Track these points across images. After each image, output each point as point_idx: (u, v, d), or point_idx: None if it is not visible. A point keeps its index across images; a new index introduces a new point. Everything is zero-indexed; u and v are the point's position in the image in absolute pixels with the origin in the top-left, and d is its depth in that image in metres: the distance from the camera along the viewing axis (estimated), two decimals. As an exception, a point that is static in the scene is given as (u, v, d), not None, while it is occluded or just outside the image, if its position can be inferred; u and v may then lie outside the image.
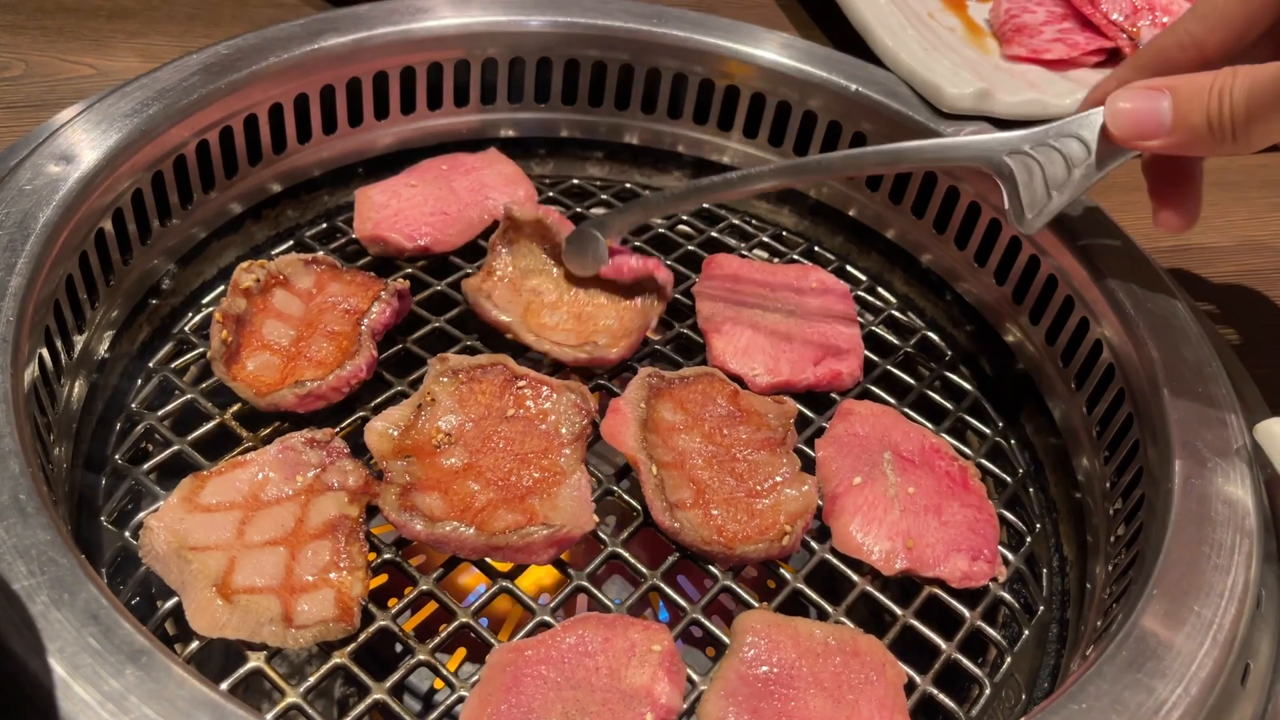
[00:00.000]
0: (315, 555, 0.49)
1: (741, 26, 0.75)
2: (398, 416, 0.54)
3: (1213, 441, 0.52)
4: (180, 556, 0.47)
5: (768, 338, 0.63)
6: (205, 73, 0.63)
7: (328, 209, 0.72)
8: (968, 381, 0.68)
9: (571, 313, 0.64)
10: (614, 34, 0.73)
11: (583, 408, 0.56)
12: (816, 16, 1.02)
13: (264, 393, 0.55)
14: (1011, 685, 0.54)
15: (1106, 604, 0.53)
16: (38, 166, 0.55)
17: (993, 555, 0.55)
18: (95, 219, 0.56)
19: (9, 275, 0.49)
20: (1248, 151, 0.47)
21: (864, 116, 0.72)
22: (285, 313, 0.60)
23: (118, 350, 0.60)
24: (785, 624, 0.49)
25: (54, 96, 0.78)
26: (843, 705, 0.47)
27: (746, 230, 0.76)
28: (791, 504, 0.54)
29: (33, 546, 0.39)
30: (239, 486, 0.51)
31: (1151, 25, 0.91)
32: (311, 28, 0.68)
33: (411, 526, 0.49)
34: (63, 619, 0.37)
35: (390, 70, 0.71)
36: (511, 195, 0.71)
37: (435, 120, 0.75)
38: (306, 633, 0.46)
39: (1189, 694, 0.42)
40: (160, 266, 0.63)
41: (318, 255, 0.63)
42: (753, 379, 0.61)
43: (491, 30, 0.72)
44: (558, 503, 0.52)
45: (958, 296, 0.72)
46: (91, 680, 0.36)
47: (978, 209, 0.69)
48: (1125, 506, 0.56)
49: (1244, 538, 0.48)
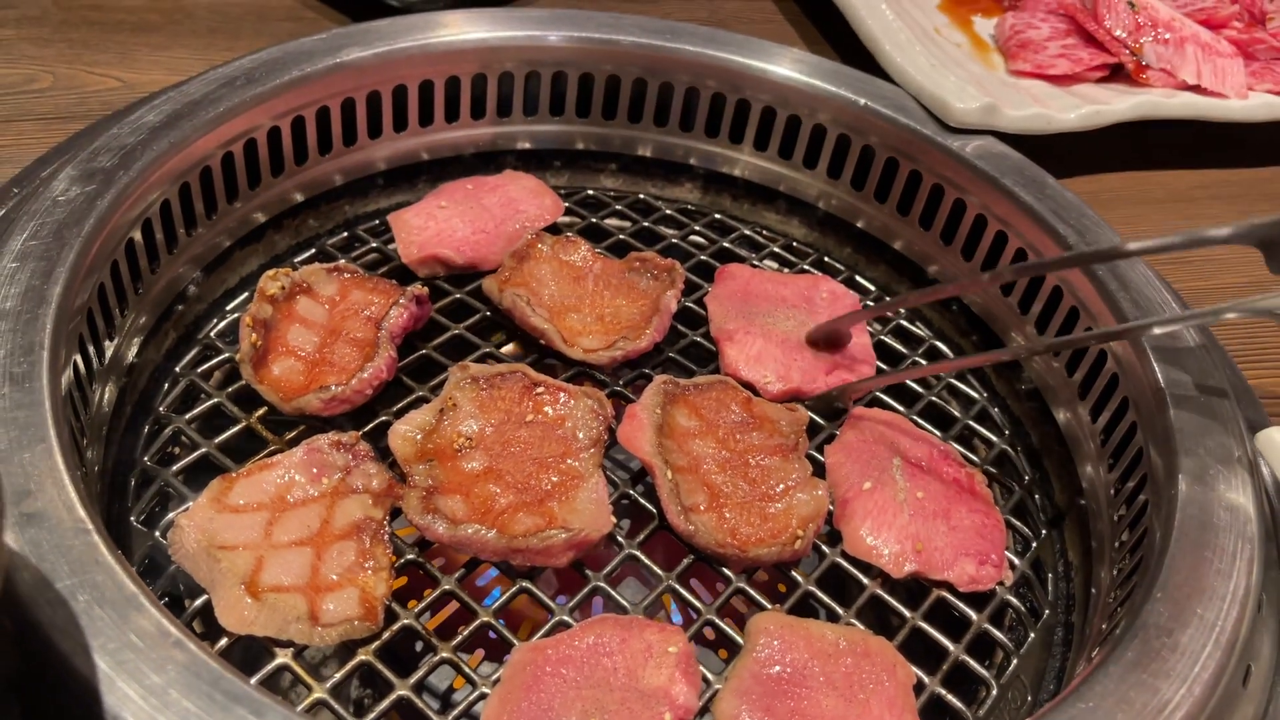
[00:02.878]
0: (341, 556, 0.51)
1: (752, 42, 0.76)
2: (420, 420, 0.56)
3: (1215, 449, 0.53)
4: (210, 555, 0.49)
5: (779, 346, 0.65)
6: (230, 85, 0.65)
7: (348, 218, 0.74)
8: (974, 390, 0.69)
9: (594, 314, 0.66)
10: (628, 49, 0.75)
11: (600, 413, 0.57)
12: (825, 32, 1.04)
13: (289, 397, 0.57)
14: (1018, 687, 0.55)
15: (1111, 608, 0.54)
16: (71, 178, 0.56)
17: (1000, 560, 0.56)
18: (126, 229, 0.58)
19: (47, 284, 0.50)
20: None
21: (873, 130, 0.74)
22: (309, 319, 0.62)
23: (145, 356, 0.61)
24: (798, 625, 0.51)
25: (83, 108, 0.80)
26: (854, 704, 0.48)
27: (757, 241, 0.78)
28: (803, 508, 0.55)
29: (74, 547, 0.41)
30: (266, 488, 0.52)
31: (1154, 42, 0.92)
32: (332, 42, 0.70)
33: (434, 529, 0.51)
34: (105, 616, 0.39)
35: (409, 83, 0.72)
36: (540, 205, 0.73)
37: (452, 132, 0.76)
38: (332, 631, 0.48)
39: (1192, 694, 0.43)
40: (186, 274, 0.65)
41: (340, 263, 0.65)
42: (764, 386, 0.63)
43: (508, 45, 0.74)
44: (576, 506, 0.54)
45: (964, 307, 0.73)
46: (134, 675, 0.37)
47: (984, 221, 0.70)
48: (1129, 513, 0.57)
49: (1245, 543, 0.49)
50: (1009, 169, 0.70)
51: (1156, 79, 0.92)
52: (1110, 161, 0.93)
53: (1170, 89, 0.92)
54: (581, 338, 0.64)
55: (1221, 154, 0.96)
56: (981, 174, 0.70)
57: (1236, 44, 0.95)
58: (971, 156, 0.71)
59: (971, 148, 0.71)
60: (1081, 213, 0.67)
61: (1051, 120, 0.83)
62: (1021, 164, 0.70)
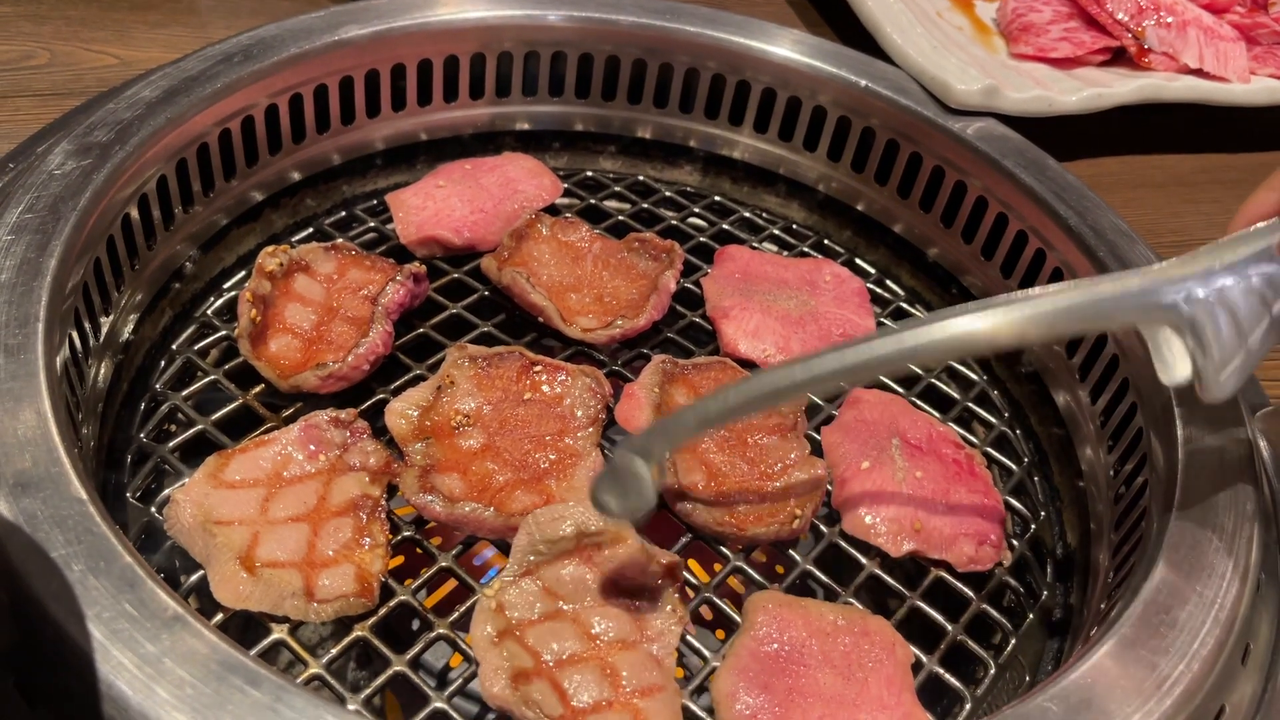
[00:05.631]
0: (337, 532, 0.50)
1: (753, 23, 0.76)
2: (417, 398, 0.56)
3: (1215, 430, 0.53)
4: (205, 529, 0.49)
5: (779, 320, 0.64)
6: (228, 63, 0.64)
7: (346, 198, 0.74)
8: (974, 372, 0.69)
9: (593, 294, 0.66)
10: (628, 29, 0.75)
11: (598, 391, 0.57)
12: (826, 14, 1.04)
13: (286, 375, 0.57)
14: (1016, 667, 0.55)
15: (1109, 589, 0.54)
16: (67, 153, 0.56)
17: (998, 540, 0.56)
18: (122, 205, 0.58)
19: (42, 257, 0.50)
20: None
21: (873, 112, 0.74)
22: (306, 297, 0.61)
23: (141, 333, 0.61)
24: (796, 604, 0.50)
25: (79, 85, 0.79)
26: (852, 683, 0.48)
27: (757, 223, 0.78)
28: (801, 487, 0.55)
29: (69, 517, 0.41)
30: (263, 464, 0.52)
31: (1157, 25, 0.92)
32: (331, 20, 0.69)
33: (432, 508, 0.51)
34: (100, 586, 0.39)
35: (408, 62, 0.72)
36: (539, 185, 0.72)
37: (451, 112, 0.76)
38: (328, 607, 0.48)
39: (1191, 670, 0.43)
40: (183, 252, 0.64)
41: (337, 242, 0.65)
42: (764, 360, 0.62)
43: (508, 24, 0.73)
44: (574, 484, 0.53)
45: (964, 289, 0.73)
46: (129, 644, 0.37)
47: (984, 203, 0.70)
48: (1128, 494, 0.57)
49: (1245, 522, 0.49)
50: (1010, 151, 0.69)
51: (1158, 62, 0.91)
52: (1111, 144, 0.93)
53: (1172, 73, 0.91)
54: (580, 317, 0.64)
55: (1222, 138, 0.96)
56: (983, 156, 0.69)
57: (1239, 28, 0.95)
58: (973, 138, 0.70)
59: (973, 130, 0.71)
60: (1082, 195, 0.66)
61: (1053, 103, 0.82)
62: (1023, 146, 0.70)
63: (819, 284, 0.69)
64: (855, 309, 0.68)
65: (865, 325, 0.67)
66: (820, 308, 0.67)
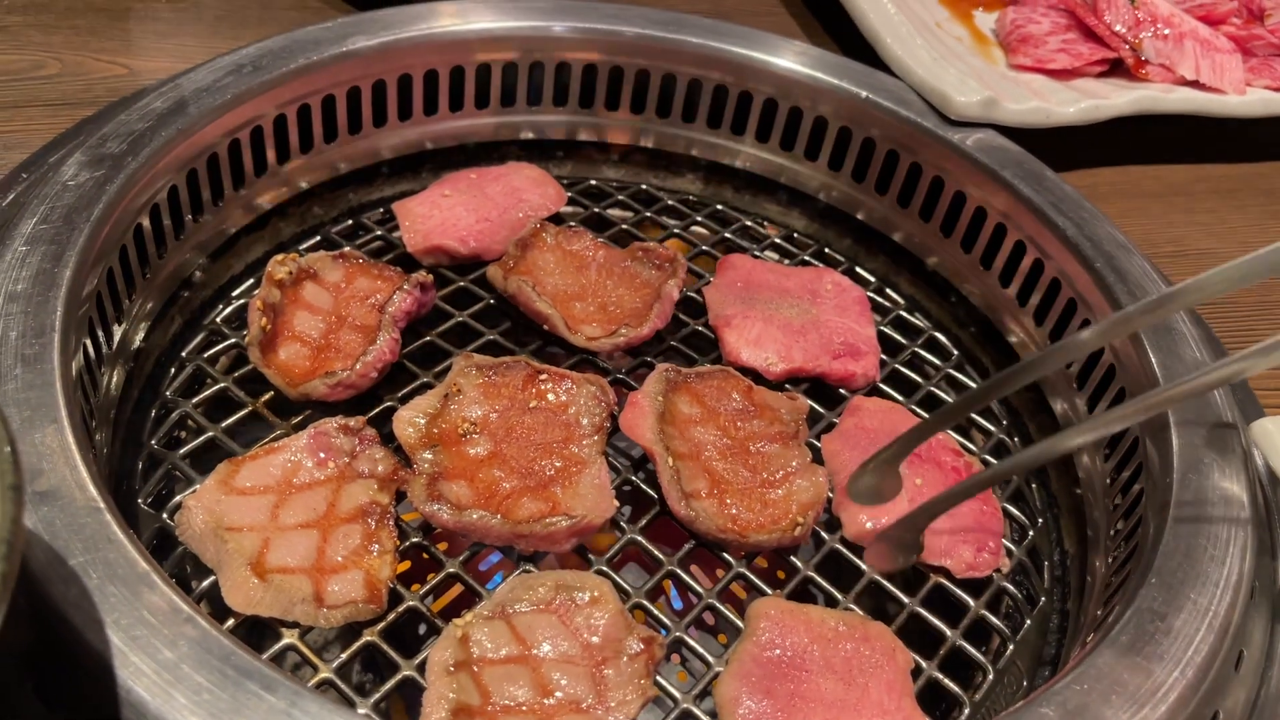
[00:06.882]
0: (346, 539, 0.51)
1: (755, 34, 0.77)
2: (425, 405, 0.56)
3: (1209, 439, 0.54)
4: (217, 535, 0.49)
5: (780, 329, 0.65)
6: (237, 74, 0.65)
7: (352, 206, 0.75)
8: (973, 381, 0.70)
9: (597, 303, 0.67)
10: (631, 40, 0.75)
11: (602, 400, 0.58)
12: (827, 25, 1.05)
13: (295, 382, 0.57)
14: (1014, 672, 0.56)
15: (1106, 595, 0.55)
16: (80, 164, 0.57)
17: (997, 547, 0.57)
18: (135, 215, 0.58)
19: (57, 268, 0.51)
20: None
21: (874, 123, 0.75)
22: (315, 305, 0.62)
23: (152, 340, 0.62)
24: (798, 610, 0.51)
25: (90, 95, 0.80)
26: (853, 688, 0.49)
27: (758, 232, 0.78)
28: (803, 494, 0.56)
29: (86, 525, 0.41)
30: (273, 471, 0.53)
31: (1154, 37, 0.93)
32: (338, 31, 0.70)
33: (439, 515, 0.51)
34: (117, 593, 0.39)
35: (414, 73, 0.73)
36: (543, 194, 0.73)
37: (456, 121, 0.77)
38: (337, 613, 0.48)
39: (1185, 676, 0.44)
40: (192, 261, 0.65)
41: (345, 250, 0.65)
42: (767, 368, 0.63)
43: (513, 35, 0.74)
44: (579, 491, 0.54)
45: (963, 298, 0.74)
46: (147, 650, 0.38)
47: (983, 213, 0.71)
48: (1124, 502, 0.58)
49: (1239, 530, 0.50)
50: (1009, 162, 0.70)
51: (1155, 74, 0.92)
52: (1108, 155, 0.94)
53: (1169, 84, 0.92)
54: (584, 325, 0.65)
55: (1219, 149, 0.97)
56: (981, 167, 0.70)
57: (1235, 40, 0.96)
58: (972, 149, 0.71)
59: (972, 141, 0.72)
60: (1080, 205, 0.67)
61: (1051, 114, 0.83)
62: (1021, 157, 0.71)
63: (820, 292, 0.70)
64: (856, 317, 0.69)
65: (866, 333, 0.68)
66: (821, 316, 0.68)
